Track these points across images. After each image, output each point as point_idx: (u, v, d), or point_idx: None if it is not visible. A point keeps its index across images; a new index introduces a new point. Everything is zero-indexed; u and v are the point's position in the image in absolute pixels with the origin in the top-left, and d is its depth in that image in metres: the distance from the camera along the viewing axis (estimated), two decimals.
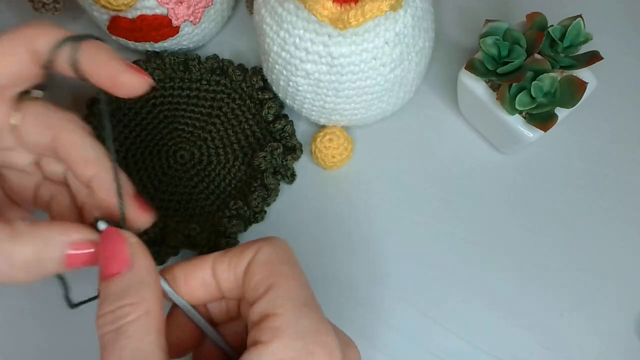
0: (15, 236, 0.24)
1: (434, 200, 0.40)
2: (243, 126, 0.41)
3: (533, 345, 0.36)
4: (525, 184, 0.40)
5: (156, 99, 0.42)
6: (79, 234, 0.25)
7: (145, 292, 0.25)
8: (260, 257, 0.26)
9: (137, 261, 0.25)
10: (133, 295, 0.24)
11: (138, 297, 0.24)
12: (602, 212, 0.39)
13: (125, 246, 0.25)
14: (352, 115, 0.38)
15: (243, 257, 0.26)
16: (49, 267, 0.25)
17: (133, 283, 0.25)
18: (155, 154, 0.41)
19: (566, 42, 0.35)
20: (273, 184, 0.39)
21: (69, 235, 0.25)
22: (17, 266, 0.24)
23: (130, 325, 0.24)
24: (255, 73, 0.41)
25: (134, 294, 0.24)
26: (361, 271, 0.38)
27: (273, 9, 0.34)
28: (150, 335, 0.24)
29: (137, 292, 0.24)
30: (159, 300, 0.25)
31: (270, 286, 0.25)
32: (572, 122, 0.40)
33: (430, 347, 0.36)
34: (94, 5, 0.38)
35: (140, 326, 0.24)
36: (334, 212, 0.40)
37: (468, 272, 0.38)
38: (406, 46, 0.34)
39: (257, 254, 0.26)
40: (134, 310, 0.24)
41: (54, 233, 0.25)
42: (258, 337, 0.24)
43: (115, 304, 0.24)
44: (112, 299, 0.24)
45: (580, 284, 0.37)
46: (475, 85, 0.37)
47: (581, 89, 0.35)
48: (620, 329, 0.36)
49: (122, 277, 0.25)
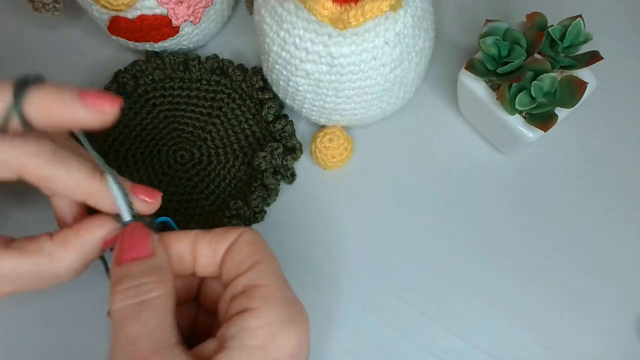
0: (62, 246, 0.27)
1: (434, 200, 0.40)
2: (243, 126, 0.41)
3: (533, 345, 0.36)
4: (525, 184, 0.40)
5: (156, 99, 0.42)
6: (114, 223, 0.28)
7: (165, 275, 0.26)
8: (245, 238, 0.28)
9: (158, 251, 0.27)
10: (157, 275, 0.26)
11: (162, 277, 0.26)
12: (602, 212, 0.39)
13: (149, 238, 0.27)
14: (352, 115, 0.38)
15: (226, 238, 0.28)
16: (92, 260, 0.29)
17: (156, 266, 0.26)
18: (155, 154, 0.41)
19: (566, 42, 0.35)
20: (273, 184, 0.39)
21: (104, 229, 0.28)
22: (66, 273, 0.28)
23: (155, 300, 0.25)
24: (255, 73, 0.41)
25: (158, 274, 0.26)
26: (360, 271, 0.38)
27: (273, 9, 0.34)
28: (170, 313, 0.26)
29: (160, 273, 0.26)
30: (174, 288, 0.27)
31: (257, 262, 0.27)
32: (572, 122, 0.40)
33: (430, 347, 0.36)
34: (94, 5, 0.38)
35: (163, 302, 0.25)
36: (334, 212, 0.40)
37: (468, 272, 0.38)
38: (406, 46, 0.34)
39: (242, 236, 0.28)
40: (159, 287, 0.26)
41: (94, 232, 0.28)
42: (247, 304, 0.26)
43: (138, 281, 0.25)
44: (133, 277, 0.26)
45: (580, 284, 0.37)
46: (475, 85, 0.37)
47: (581, 89, 0.35)
48: (620, 329, 0.36)
49: (144, 261, 0.26)
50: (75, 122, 0.26)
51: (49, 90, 0.25)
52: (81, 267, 0.28)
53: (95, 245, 0.28)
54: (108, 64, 0.44)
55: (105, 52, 0.45)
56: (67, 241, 0.27)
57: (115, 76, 0.42)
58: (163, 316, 0.25)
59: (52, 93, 0.25)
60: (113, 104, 0.26)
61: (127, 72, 0.42)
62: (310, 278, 0.38)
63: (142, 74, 0.42)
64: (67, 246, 0.27)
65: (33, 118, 0.25)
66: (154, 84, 0.42)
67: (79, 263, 0.28)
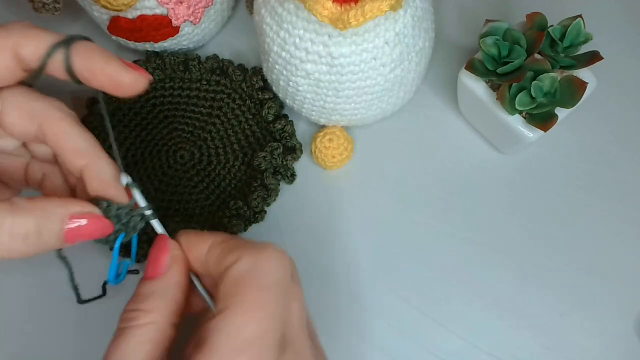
0: (15, 210, 0.24)
1: (434, 200, 0.40)
2: (243, 126, 0.41)
3: (533, 345, 0.36)
4: (525, 184, 0.40)
5: (156, 99, 0.42)
6: (78, 207, 0.26)
7: (159, 303, 0.25)
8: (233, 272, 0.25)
9: (169, 273, 0.26)
10: (149, 302, 0.25)
11: (152, 306, 0.25)
12: (602, 212, 0.39)
13: (165, 255, 0.27)
14: (352, 115, 0.38)
15: (226, 259, 0.26)
16: (49, 240, 0.25)
17: (155, 291, 0.26)
18: (155, 154, 0.41)
19: (566, 42, 0.35)
20: (273, 184, 0.39)
21: (67, 208, 0.25)
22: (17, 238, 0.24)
23: (133, 329, 0.24)
24: (255, 73, 0.41)
25: (150, 302, 0.25)
26: (361, 271, 0.38)
27: (273, 9, 0.34)
28: (147, 345, 0.24)
29: (153, 301, 0.25)
30: (172, 315, 0.26)
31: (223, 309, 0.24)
32: (572, 122, 0.40)
33: (430, 347, 0.36)
34: (94, 5, 0.38)
35: (140, 334, 0.24)
36: (334, 212, 0.40)
37: (468, 272, 0.38)
38: (406, 46, 0.34)
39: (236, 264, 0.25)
40: (142, 317, 0.25)
41: (53, 206, 0.25)
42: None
43: (134, 305, 0.25)
44: (135, 299, 0.25)
45: (580, 284, 0.37)
46: (475, 85, 0.37)
47: (581, 89, 0.35)
48: (620, 329, 0.36)
49: (152, 282, 0.26)
50: (117, 84, 0.26)
51: (98, 48, 0.26)
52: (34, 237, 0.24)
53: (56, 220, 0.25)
54: None
55: None
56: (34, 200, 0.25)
57: None
58: (132, 347, 0.24)
59: (100, 51, 0.26)
60: (147, 74, 0.27)
61: None
62: (310, 278, 0.38)
63: None
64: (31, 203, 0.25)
65: (77, 65, 0.25)
66: (154, 84, 0.42)
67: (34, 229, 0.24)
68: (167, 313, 0.25)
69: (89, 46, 0.26)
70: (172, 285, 0.26)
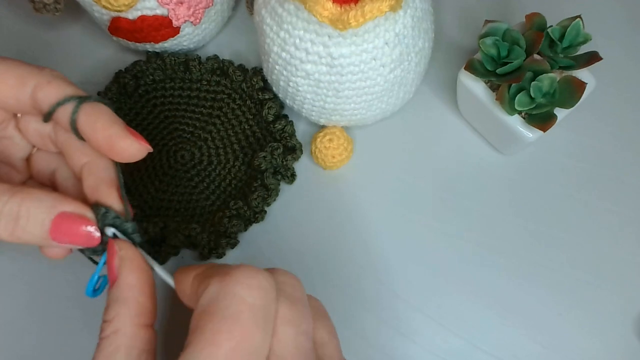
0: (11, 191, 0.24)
1: (433, 200, 0.40)
2: (243, 126, 0.41)
3: (533, 344, 0.36)
4: (524, 184, 0.40)
5: (157, 99, 0.42)
6: (72, 206, 0.25)
7: (119, 309, 0.24)
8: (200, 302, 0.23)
9: (121, 277, 0.25)
10: (110, 311, 0.24)
11: (112, 315, 0.24)
12: (601, 212, 0.39)
13: (114, 260, 0.25)
14: (352, 115, 0.38)
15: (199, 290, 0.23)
16: (31, 228, 0.24)
17: (115, 298, 0.25)
18: (155, 154, 0.41)
19: (565, 42, 0.35)
20: (273, 184, 0.39)
21: (60, 203, 0.25)
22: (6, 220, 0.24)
23: (102, 342, 0.24)
24: (256, 73, 0.41)
25: (111, 311, 0.24)
26: (361, 271, 0.38)
27: (273, 10, 0.34)
28: (117, 354, 0.24)
29: (113, 309, 0.24)
30: (138, 317, 0.24)
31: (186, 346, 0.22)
32: (572, 122, 0.40)
33: (430, 347, 0.36)
34: (95, 5, 0.38)
35: (109, 344, 0.24)
36: (334, 212, 0.40)
37: (468, 272, 0.38)
38: (406, 47, 0.34)
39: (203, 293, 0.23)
40: (106, 328, 0.24)
41: (47, 196, 0.25)
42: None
43: (103, 317, 0.24)
44: (104, 311, 0.25)
45: (579, 283, 0.38)
46: (475, 86, 0.37)
47: (580, 89, 0.35)
48: (619, 328, 0.37)
49: (112, 290, 0.25)
50: (113, 148, 0.26)
51: (105, 110, 0.26)
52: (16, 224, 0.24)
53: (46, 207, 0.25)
54: (109, 65, 0.44)
55: (106, 52, 0.45)
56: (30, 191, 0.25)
57: (115, 76, 0.42)
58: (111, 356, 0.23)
59: (107, 113, 0.26)
60: (147, 145, 0.27)
61: (127, 73, 0.42)
62: (310, 278, 0.38)
63: (143, 74, 0.42)
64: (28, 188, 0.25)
65: (81, 120, 0.26)
66: (155, 84, 0.43)
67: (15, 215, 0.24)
68: (129, 318, 0.24)
69: (99, 107, 0.27)
70: (128, 288, 0.25)
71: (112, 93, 0.41)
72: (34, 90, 0.26)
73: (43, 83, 0.26)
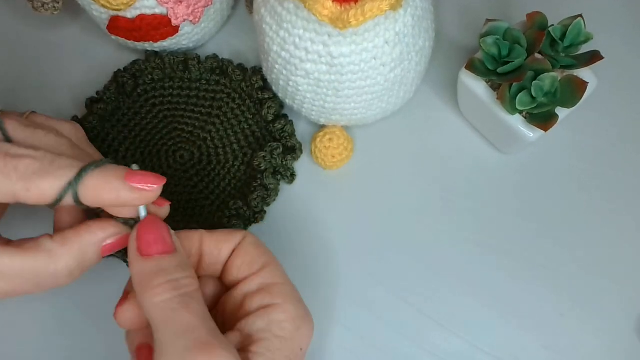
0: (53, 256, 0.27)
1: (434, 200, 0.40)
2: (243, 126, 0.41)
3: (533, 345, 0.36)
4: (526, 184, 0.40)
5: (156, 98, 0.42)
6: (115, 228, 0.29)
7: (192, 271, 0.28)
8: (250, 240, 0.31)
9: (179, 247, 0.28)
10: (188, 270, 0.27)
11: (192, 273, 0.27)
12: (603, 212, 0.39)
13: (168, 233, 0.28)
14: (352, 115, 0.38)
15: (231, 239, 0.30)
16: (89, 265, 0.28)
17: (184, 261, 0.28)
18: (155, 154, 0.41)
19: (567, 41, 0.35)
20: (273, 184, 0.39)
21: (105, 231, 0.28)
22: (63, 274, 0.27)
23: (195, 293, 0.27)
24: (255, 73, 0.41)
25: (188, 270, 0.27)
26: (360, 271, 0.38)
27: (273, 9, 0.34)
28: (205, 305, 0.27)
29: (189, 270, 0.27)
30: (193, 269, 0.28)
31: (267, 263, 0.30)
32: (573, 122, 0.40)
33: (430, 347, 0.36)
34: (94, 4, 0.38)
35: (200, 295, 0.27)
36: (334, 212, 0.40)
37: (468, 272, 0.38)
38: (406, 46, 0.34)
39: (246, 238, 0.31)
40: (194, 283, 0.27)
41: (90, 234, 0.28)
42: (269, 300, 0.28)
43: (174, 275, 0.26)
44: (168, 272, 0.26)
45: (580, 283, 0.37)
46: (476, 85, 0.37)
47: (582, 88, 0.35)
48: (620, 328, 0.36)
49: (173, 256, 0.27)
50: (122, 202, 0.28)
51: (99, 175, 0.27)
52: (78, 269, 0.28)
53: (94, 248, 0.28)
54: (107, 64, 0.44)
55: (105, 51, 0.45)
56: (67, 239, 0.27)
57: (114, 76, 0.42)
58: (205, 307, 0.26)
59: (101, 177, 0.27)
60: (157, 182, 0.28)
61: (126, 72, 0.42)
62: (310, 278, 0.38)
63: (142, 73, 0.42)
64: (66, 244, 0.27)
65: (84, 198, 0.27)
66: (154, 83, 0.42)
67: (76, 264, 0.28)
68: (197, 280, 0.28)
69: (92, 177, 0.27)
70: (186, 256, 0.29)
71: (110, 92, 0.41)
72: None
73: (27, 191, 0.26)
